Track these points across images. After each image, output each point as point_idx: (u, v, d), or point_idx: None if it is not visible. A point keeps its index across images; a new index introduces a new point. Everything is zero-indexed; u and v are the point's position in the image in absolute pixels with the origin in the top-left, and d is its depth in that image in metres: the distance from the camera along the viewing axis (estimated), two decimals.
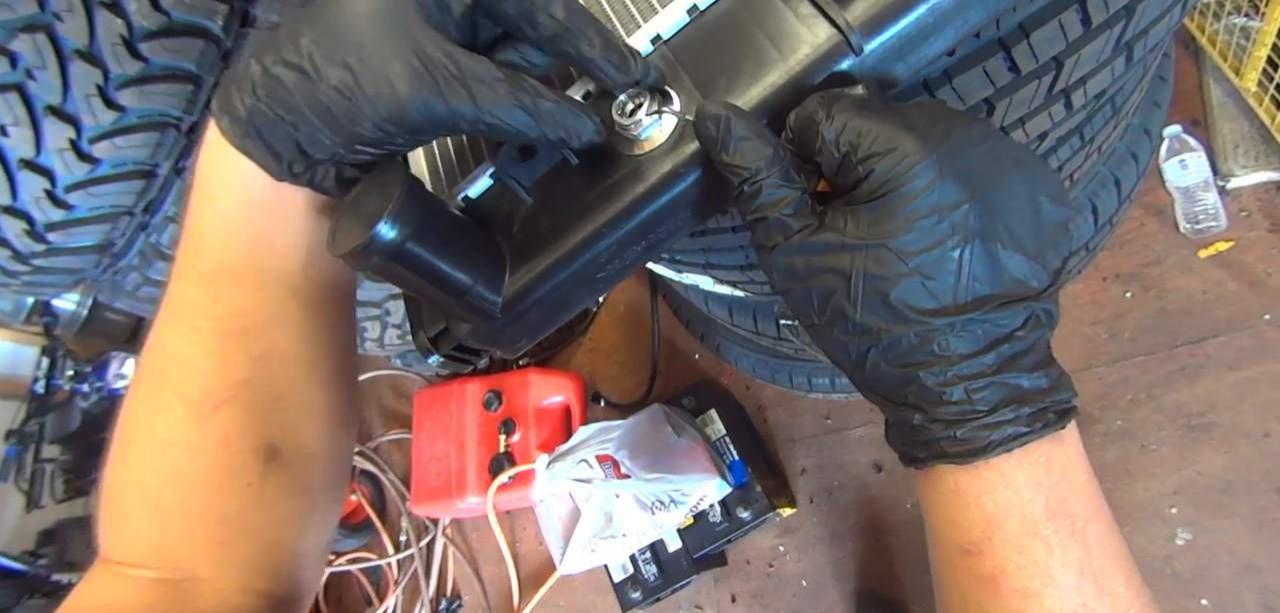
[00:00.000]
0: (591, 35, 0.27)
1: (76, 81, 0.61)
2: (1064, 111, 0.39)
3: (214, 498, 0.32)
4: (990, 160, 0.25)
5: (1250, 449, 0.88)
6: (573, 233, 0.28)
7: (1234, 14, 0.97)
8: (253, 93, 0.27)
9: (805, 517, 1.10)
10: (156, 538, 0.32)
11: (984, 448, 0.25)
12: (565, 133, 0.27)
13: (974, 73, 0.33)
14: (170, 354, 0.32)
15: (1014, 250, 0.25)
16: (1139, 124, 0.68)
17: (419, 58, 0.26)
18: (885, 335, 0.25)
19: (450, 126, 0.27)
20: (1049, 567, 0.25)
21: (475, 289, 0.28)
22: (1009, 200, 0.25)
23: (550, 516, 0.98)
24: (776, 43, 0.27)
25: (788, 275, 0.27)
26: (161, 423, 0.32)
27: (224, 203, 0.30)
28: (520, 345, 0.31)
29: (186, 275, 0.32)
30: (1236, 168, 0.98)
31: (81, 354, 1.54)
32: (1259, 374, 0.90)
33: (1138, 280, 1.00)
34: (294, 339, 0.33)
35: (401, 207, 0.25)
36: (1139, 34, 0.36)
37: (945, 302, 0.25)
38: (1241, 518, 0.86)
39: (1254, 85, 0.96)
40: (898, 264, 0.24)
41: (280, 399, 0.33)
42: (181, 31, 0.66)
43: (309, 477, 0.35)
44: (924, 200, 0.24)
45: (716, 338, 1.07)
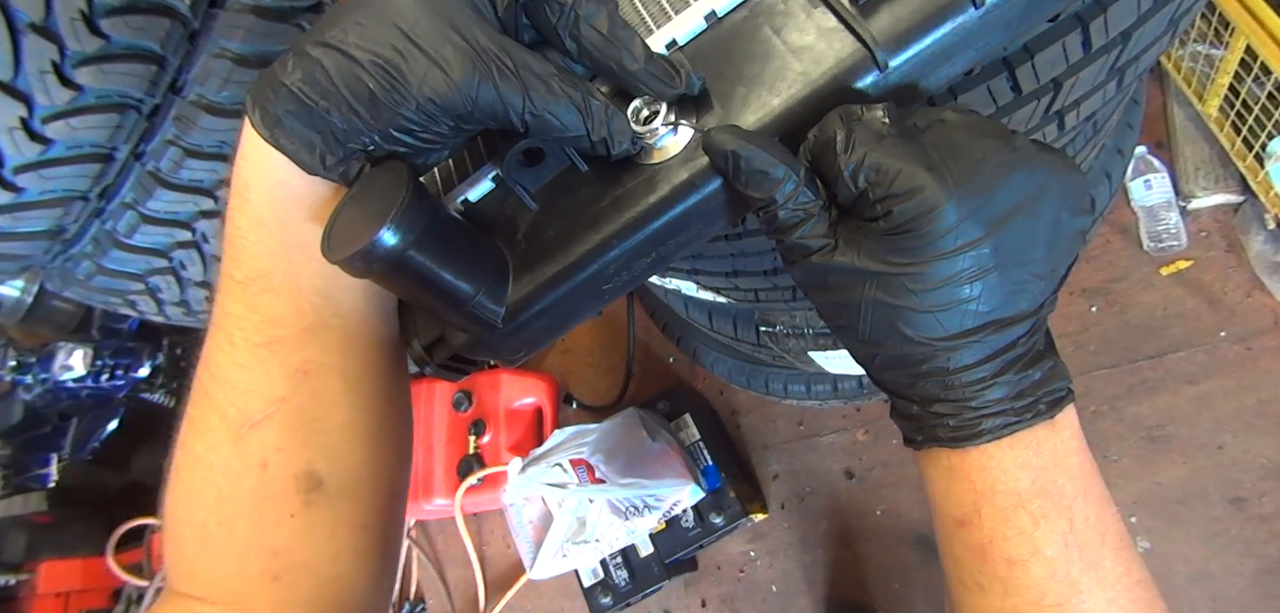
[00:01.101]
0: (635, 48, 0.26)
1: (30, 57, 0.57)
2: (1057, 132, 0.39)
3: (258, 529, 0.31)
4: (1011, 190, 0.24)
5: (1206, 461, 0.92)
6: (581, 242, 0.27)
7: (1198, 42, 1.01)
8: (287, 76, 0.26)
9: (776, 523, 1.11)
10: (211, 571, 0.31)
11: (975, 435, 0.27)
12: (609, 134, 0.26)
13: (978, 91, 0.33)
14: (212, 371, 0.31)
15: (1027, 276, 0.25)
16: (1113, 145, 0.70)
17: (471, 44, 0.25)
18: (892, 352, 0.27)
19: (496, 117, 0.26)
20: (1034, 537, 0.27)
21: (477, 299, 0.27)
22: (1027, 230, 0.25)
23: (521, 519, 0.96)
24: (798, 54, 0.26)
25: (805, 284, 0.28)
26: (202, 446, 0.31)
27: (257, 204, 0.29)
28: (519, 357, 0.30)
29: (226, 285, 0.30)
30: (1197, 189, 1.02)
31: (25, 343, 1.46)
32: (1215, 389, 0.94)
33: (1103, 295, 1.03)
34: (334, 353, 0.31)
35: (405, 211, 0.24)
36: (1132, 59, 0.37)
37: (953, 330, 0.25)
38: (1197, 528, 0.90)
39: (1215, 111, 1.00)
40: (909, 297, 0.25)
41: (320, 419, 0.31)
42: (145, 9, 0.63)
43: (360, 513, 0.33)
44: (942, 243, 0.24)
45: (693, 342, 1.06)
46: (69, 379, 1.40)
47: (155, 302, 0.83)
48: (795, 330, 0.71)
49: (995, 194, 0.24)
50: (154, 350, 1.49)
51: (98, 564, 1.28)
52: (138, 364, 1.46)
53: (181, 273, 0.80)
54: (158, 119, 0.68)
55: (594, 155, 0.28)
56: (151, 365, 1.48)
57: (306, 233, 0.29)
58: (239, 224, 0.30)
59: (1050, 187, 0.25)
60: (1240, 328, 0.95)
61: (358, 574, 0.33)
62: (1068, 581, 0.27)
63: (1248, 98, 0.93)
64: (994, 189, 0.24)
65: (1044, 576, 0.27)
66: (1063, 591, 0.27)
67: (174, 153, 0.70)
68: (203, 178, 0.73)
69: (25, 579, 1.27)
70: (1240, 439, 0.91)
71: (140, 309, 0.87)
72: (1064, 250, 0.26)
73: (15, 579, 1.28)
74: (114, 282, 0.79)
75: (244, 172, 0.29)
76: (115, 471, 1.46)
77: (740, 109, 0.27)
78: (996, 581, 0.28)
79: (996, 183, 0.24)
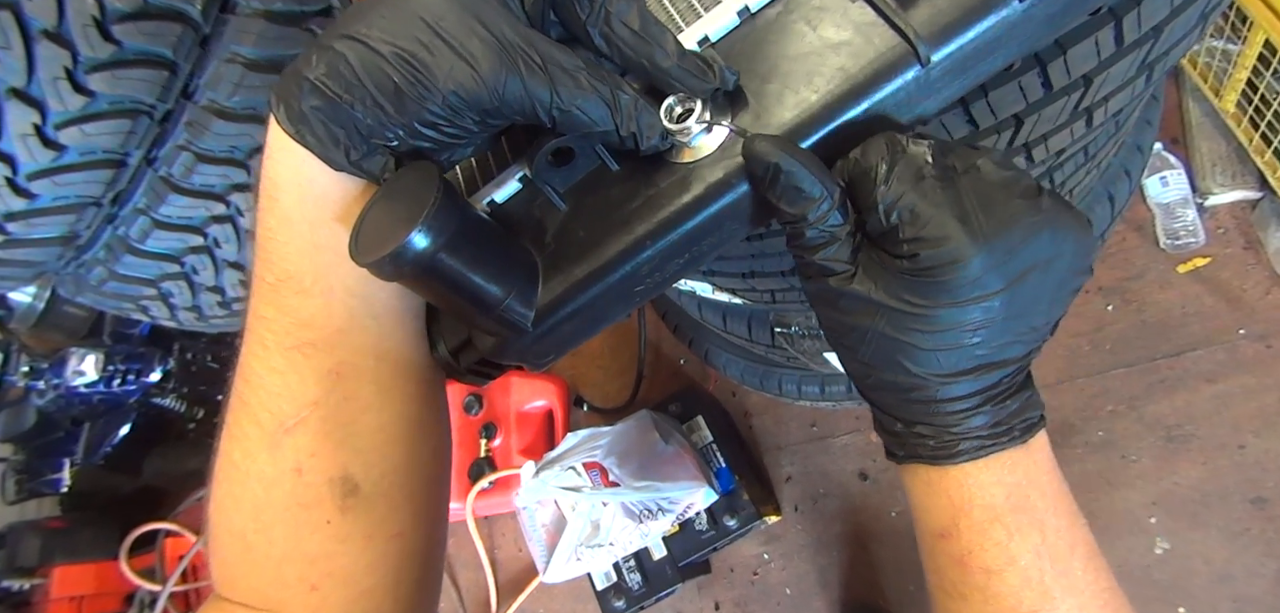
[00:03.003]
0: (668, 44, 0.25)
1: (43, 63, 0.57)
2: (1084, 129, 0.39)
3: (294, 536, 0.31)
4: (1033, 250, 0.25)
5: (1226, 461, 0.90)
6: (613, 243, 0.26)
7: (1215, 37, 0.99)
8: (311, 71, 0.25)
9: (790, 525, 1.10)
10: (251, 578, 0.31)
11: (953, 454, 0.28)
12: (638, 129, 0.26)
13: (1010, 88, 0.33)
14: (246, 377, 0.31)
15: (1025, 328, 0.26)
16: (1133, 141, 0.69)
17: (499, 38, 0.25)
18: (887, 377, 0.28)
19: (523, 111, 0.25)
20: (1009, 547, 0.28)
21: (507, 302, 0.26)
22: (1038, 288, 0.26)
23: (534, 523, 0.96)
24: (835, 50, 0.25)
25: (815, 300, 0.29)
26: (239, 452, 0.31)
27: (286, 203, 0.28)
28: (547, 360, 0.29)
29: (258, 289, 0.30)
30: (1214, 186, 1.01)
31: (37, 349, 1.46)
32: (1235, 388, 0.92)
33: (1119, 294, 1.02)
34: (366, 355, 0.31)
35: (436, 212, 0.23)
36: (1162, 54, 0.36)
37: (949, 369, 0.27)
38: (1218, 528, 0.88)
39: (1232, 106, 0.98)
40: (916, 335, 0.26)
41: (353, 423, 0.31)
42: (157, 14, 0.63)
43: (397, 520, 0.32)
44: (960, 293, 0.25)
45: (705, 343, 1.06)
46: (81, 385, 1.40)
47: (167, 307, 0.83)
48: (811, 331, 0.71)
49: (1019, 253, 0.25)
50: (165, 355, 1.49)
51: (111, 569, 1.28)
52: (149, 369, 1.47)
53: (194, 278, 0.80)
54: (170, 124, 0.68)
55: (624, 152, 0.27)
56: (163, 370, 1.48)
57: (336, 233, 0.29)
58: (268, 225, 0.29)
59: (1065, 249, 0.26)
60: (1260, 326, 0.94)
61: (396, 583, 0.33)
62: (1041, 588, 0.28)
63: (1266, 93, 0.92)
64: (1019, 249, 0.25)
65: (1019, 583, 0.28)
66: (1036, 598, 0.28)
67: (186, 158, 0.69)
68: (215, 183, 0.73)
69: (39, 584, 1.28)
70: (1262, 438, 0.90)
71: (152, 314, 0.87)
72: (1061, 305, 0.27)
73: (29, 584, 1.29)
74: (126, 287, 0.80)
75: (271, 171, 0.28)
76: (127, 475, 1.46)
77: (775, 106, 0.26)
78: (975, 589, 0.29)
79: (1022, 243, 0.25)
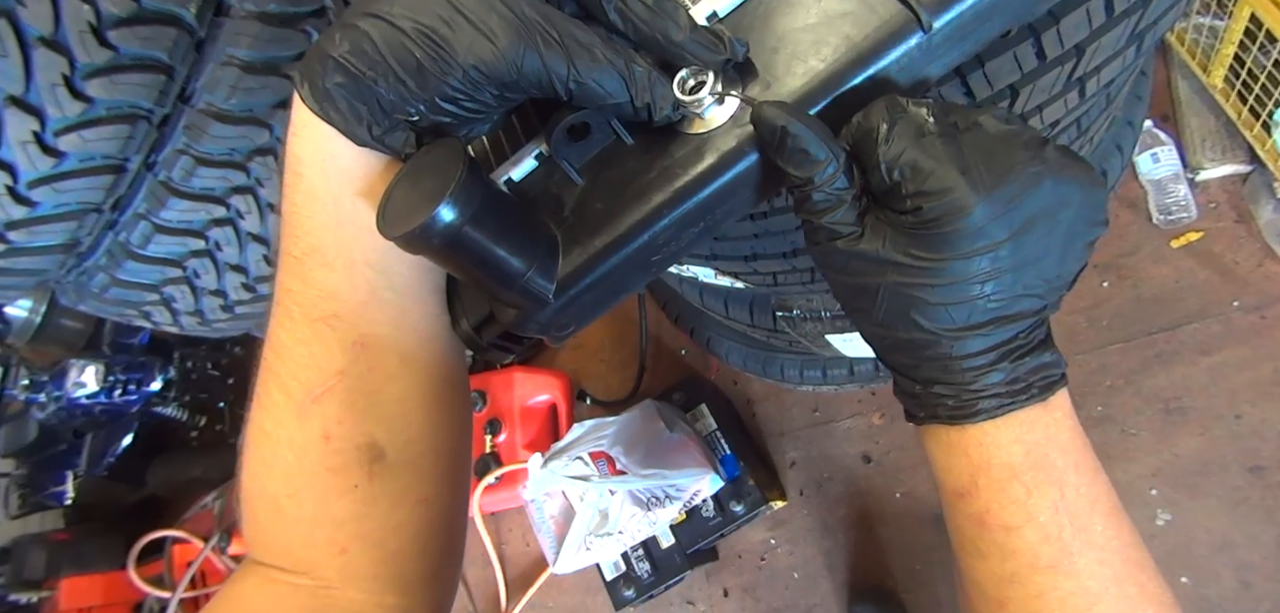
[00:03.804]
0: (680, 18, 0.26)
1: (41, 70, 0.58)
2: (1078, 99, 0.39)
3: (324, 500, 0.32)
4: (1037, 199, 0.25)
5: (1223, 431, 0.91)
6: (630, 213, 0.27)
7: (1202, 13, 1.00)
8: (335, 48, 0.26)
9: (796, 509, 1.11)
10: (283, 541, 0.33)
11: (972, 413, 0.28)
12: (652, 100, 0.26)
13: (1005, 59, 0.33)
14: (274, 347, 0.32)
15: (1037, 280, 0.27)
16: (1124, 118, 0.70)
17: (516, 12, 0.25)
18: (902, 336, 0.28)
19: (541, 85, 0.26)
20: (1027, 505, 0.28)
21: (529, 274, 0.27)
22: (1044, 237, 0.26)
23: (543, 515, 0.96)
24: (840, 20, 0.26)
25: (825, 265, 0.29)
26: (270, 421, 0.32)
27: (310, 178, 0.29)
28: (567, 332, 0.30)
29: (284, 262, 0.31)
30: (1205, 161, 1.02)
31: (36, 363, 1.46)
32: (1230, 359, 0.94)
33: (1114, 270, 1.03)
34: (389, 327, 0.32)
35: (462, 186, 0.24)
36: (1151, 23, 0.37)
37: (961, 323, 0.27)
38: (1217, 498, 0.90)
39: (1221, 82, 0.99)
40: (926, 290, 0.26)
41: (378, 392, 0.32)
42: (153, 19, 0.63)
43: (422, 485, 0.34)
44: (965, 243, 0.25)
45: (707, 332, 1.06)
46: (82, 396, 1.40)
47: (170, 312, 0.83)
48: (812, 314, 0.71)
49: (1021, 202, 0.25)
50: (165, 364, 1.49)
51: (119, 578, 1.28)
52: (150, 378, 1.47)
53: (196, 281, 0.80)
54: (168, 128, 0.68)
55: (638, 123, 0.27)
56: (163, 379, 1.48)
57: (359, 207, 0.30)
58: (294, 200, 0.30)
59: (1072, 198, 0.26)
60: (1253, 297, 0.95)
61: (422, 547, 0.34)
62: (1059, 544, 0.28)
63: (1253, 67, 0.93)
64: (1021, 198, 0.25)
65: (1037, 540, 0.28)
66: (1055, 553, 0.28)
67: (185, 161, 0.70)
68: (215, 186, 0.73)
69: (46, 597, 1.28)
70: (1258, 408, 0.91)
71: (155, 320, 0.87)
72: (1075, 258, 0.27)
73: (36, 597, 1.29)
74: (129, 293, 0.80)
75: (295, 148, 0.29)
76: (131, 485, 1.46)
77: (784, 75, 0.26)
78: (995, 547, 0.29)
79: (1024, 192, 0.25)
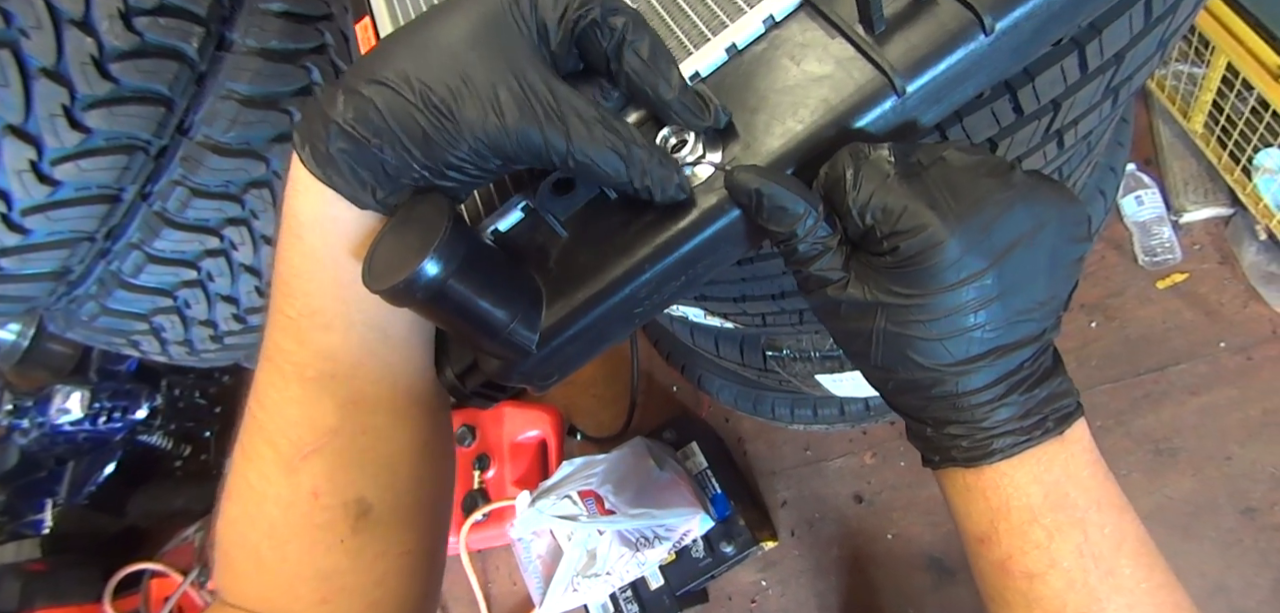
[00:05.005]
0: (671, 77, 0.27)
1: (41, 101, 0.58)
2: (1057, 150, 0.40)
3: (309, 554, 0.32)
4: (1011, 224, 0.26)
5: (1215, 472, 0.91)
6: (613, 267, 0.28)
7: (1180, 61, 1.03)
8: (338, 114, 0.26)
9: (787, 550, 1.10)
10: (263, 590, 0.32)
11: (987, 454, 0.28)
12: (652, 182, 0.27)
13: (982, 114, 0.34)
14: (263, 403, 0.32)
15: (1028, 304, 0.27)
16: (1106, 163, 0.71)
17: (522, 86, 0.25)
18: (904, 377, 0.28)
19: (541, 158, 0.26)
20: (1050, 550, 0.28)
21: (513, 325, 0.27)
22: (1027, 260, 0.26)
23: (529, 554, 0.95)
24: (817, 83, 0.27)
25: (821, 313, 0.29)
26: (255, 474, 0.32)
27: (310, 240, 0.29)
28: (550, 381, 0.30)
29: (278, 321, 0.31)
30: (1187, 204, 1.04)
31: (21, 388, 1.44)
32: (1219, 400, 0.94)
33: (1101, 310, 1.04)
34: (383, 384, 0.32)
35: (446, 241, 0.24)
36: (1126, 78, 0.38)
37: (959, 357, 0.27)
38: (1211, 540, 0.89)
39: (1200, 127, 1.02)
40: (917, 327, 0.26)
41: (370, 449, 0.32)
42: (154, 53, 0.64)
43: (407, 538, 0.34)
44: (946, 276, 0.25)
45: (697, 370, 1.06)
46: (66, 423, 1.38)
47: (159, 341, 0.83)
48: (801, 354, 0.72)
49: (995, 229, 0.25)
50: (152, 392, 1.48)
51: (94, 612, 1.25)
52: (135, 406, 1.45)
53: (186, 311, 0.80)
54: (165, 160, 0.69)
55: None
56: (150, 407, 1.46)
57: (357, 268, 0.29)
58: (293, 261, 0.30)
59: (1048, 217, 0.26)
60: (1240, 338, 0.96)
61: (403, 597, 0.35)
62: (1086, 590, 0.28)
63: (1231, 113, 0.95)
64: (993, 225, 0.25)
65: (1063, 587, 0.28)
66: (1082, 600, 0.27)
67: (180, 193, 0.70)
68: (209, 217, 0.73)
69: None
70: (1248, 449, 0.91)
71: (143, 349, 0.86)
72: (1064, 277, 0.27)
73: None
74: (118, 322, 0.79)
75: (296, 207, 0.29)
76: (112, 515, 1.43)
77: (763, 136, 0.27)
78: (1018, 595, 0.29)
79: (996, 219, 0.25)
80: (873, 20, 0.26)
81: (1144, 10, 0.34)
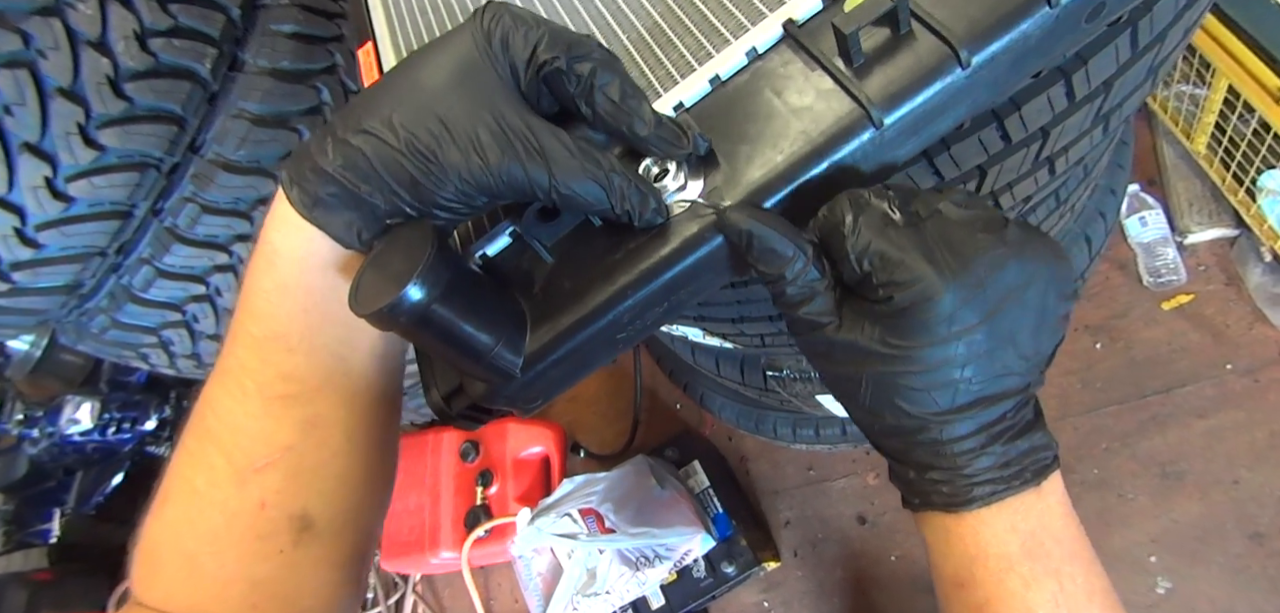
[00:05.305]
0: (645, 114, 0.27)
1: (56, 119, 0.60)
2: (1048, 176, 0.41)
3: (246, 562, 0.32)
4: (1003, 280, 0.26)
5: (1222, 496, 0.90)
6: (596, 293, 0.28)
7: (1183, 83, 1.03)
8: (328, 162, 0.27)
9: (789, 571, 1.09)
10: (189, 594, 0.33)
11: (966, 501, 0.28)
12: (631, 207, 0.27)
13: (970, 142, 0.35)
14: (218, 414, 0.32)
15: (1014, 358, 0.27)
16: (1106, 185, 0.72)
17: (501, 124, 0.26)
18: (890, 422, 0.28)
19: (524, 192, 0.27)
20: (1026, 599, 0.28)
21: (497, 349, 0.28)
22: (1016, 316, 0.27)
23: (530, 572, 0.95)
24: (798, 115, 0.28)
25: (809, 354, 0.30)
26: (203, 480, 0.32)
27: (284, 270, 0.30)
28: (535, 405, 0.31)
29: (240, 337, 0.32)
30: (1192, 224, 1.03)
31: (32, 397, 1.46)
32: (1226, 422, 0.93)
33: (1106, 331, 1.03)
34: (341, 407, 0.33)
35: (430, 267, 0.25)
36: (1116, 106, 0.38)
37: (944, 406, 0.27)
38: (1219, 565, 0.88)
39: (1203, 148, 1.02)
40: (906, 376, 0.27)
41: (321, 468, 0.33)
42: (168, 73, 0.66)
43: (341, 552, 0.35)
44: (939, 330, 0.26)
45: (700, 388, 1.06)
46: (76, 433, 1.40)
47: (167, 354, 0.84)
48: (802, 374, 0.72)
49: (988, 285, 0.26)
50: (161, 403, 1.49)
51: None
52: (144, 417, 1.46)
53: (194, 326, 0.81)
54: (176, 177, 0.71)
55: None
56: (158, 418, 1.48)
57: (329, 298, 0.31)
58: (263, 287, 0.31)
59: (1038, 274, 0.27)
60: (1246, 360, 0.95)
61: (330, 605, 0.36)
62: None
63: (1234, 134, 0.95)
64: (988, 281, 0.26)
65: None
66: None
67: (191, 209, 0.72)
68: (218, 233, 0.74)
69: None
70: (1255, 473, 0.90)
71: (152, 362, 0.88)
72: (1049, 332, 0.28)
73: None
74: (128, 335, 0.81)
75: (274, 238, 0.30)
76: (119, 525, 1.44)
77: (745, 166, 0.28)
78: None
79: (990, 275, 0.26)
80: (851, 54, 0.26)
81: (1129, 40, 0.34)
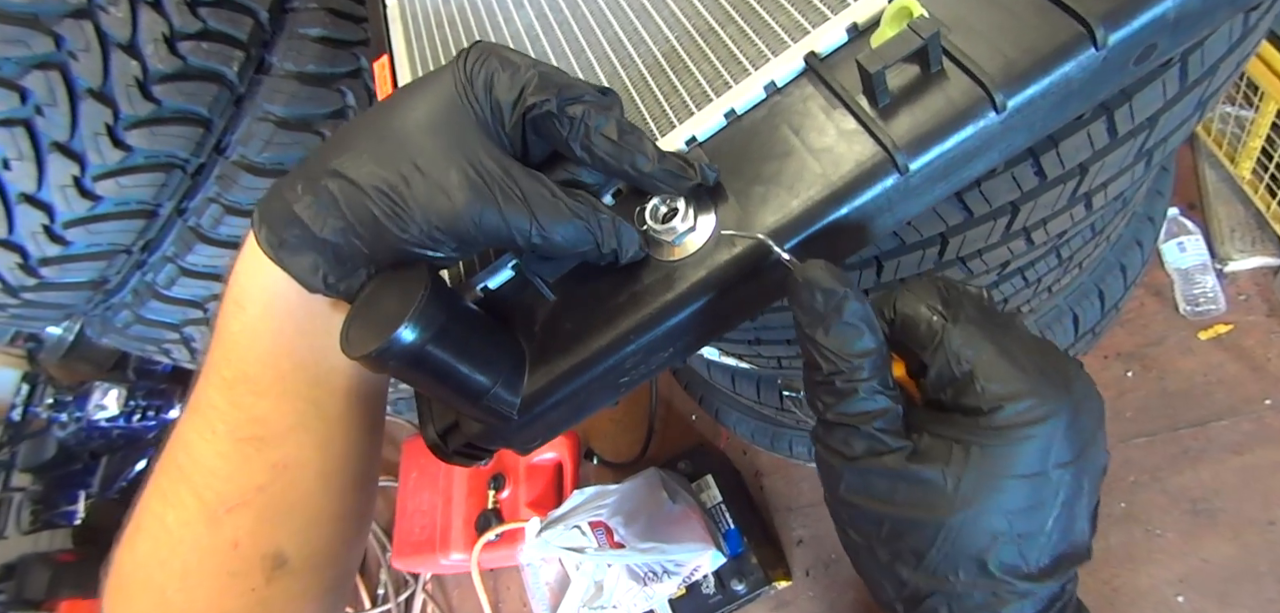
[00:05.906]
0: (647, 150, 0.26)
1: (86, 120, 0.61)
2: (1084, 212, 0.39)
3: (217, 599, 0.32)
4: (1093, 410, 0.23)
5: (1256, 537, 0.87)
6: (597, 337, 0.27)
7: (1228, 104, 0.99)
8: (297, 205, 0.27)
9: (801, 590, 1.07)
10: None
11: None
12: (618, 246, 0.26)
13: (1002, 179, 0.33)
14: (190, 453, 0.32)
15: (1086, 509, 0.24)
16: (1143, 212, 0.69)
17: (476, 169, 0.25)
18: (959, 588, 0.23)
19: (504, 239, 0.26)
20: None
21: (494, 391, 0.27)
22: (1095, 459, 0.23)
23: (538, 580, 0.95)
24: (817, 156, 0.26)
25: (858, 490, 0.24)
26: (175, 518, 0.32)
27: (252, 312, 0.30)
28: (533, 446, 0.30)
29: (211, 377, 0.31)
30: (1233, 252, 0.99)
31: (63, 381, 1.50)
32: (1262, 460, 0.89)
33: (1138, 360, 1.00)
34: (313, 450, 0.32)
35: (423, 309, 0.24)
36: (1161, 141, 0.36)
37: (1031, 568, 0.22)
38: (1249, 609, 0.84)
39: (1248, 173, 0.98)
40: (1002, 523, 0.22)
41: (294, 508, 0.32)
42: (196, 76, 0.66)
43: (315, 587, 0.34)
44: (1046, 458, 0.21)
45: (715, 402, 1.05)
46: (102, 418, 1.43)
47: (189, 350, 0.86)
48: None
49: (1082, 414, 0.22)
50: (185, 392, 1.52)
51: None
52: (169, 405, 1.50)
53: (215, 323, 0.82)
54: (201, 177, 0.72)
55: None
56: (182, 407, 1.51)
57: (297, 343, 0.30)
58: (232, 329, 0.30)
59: (1100, 423, 0.23)
60: None
61: None
62: None
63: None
64: (1082, 409, 0.22)
65: None
66: None
67: (215, 210, 0.72)
68: (240, 234, 0.75)
69: None
70: None
71: (174, 357, 0.89)
72: (1091, 496, 0.24)
73: None
74: (150, 330, 0.82)
75: (243, 280, 0.30)
76: None
77: (758, 207, 0.26)
78: None
79: (1083, 403, 0.22)
80: (877, 93, 0.25)
81: (1178, 74, 0.32)
